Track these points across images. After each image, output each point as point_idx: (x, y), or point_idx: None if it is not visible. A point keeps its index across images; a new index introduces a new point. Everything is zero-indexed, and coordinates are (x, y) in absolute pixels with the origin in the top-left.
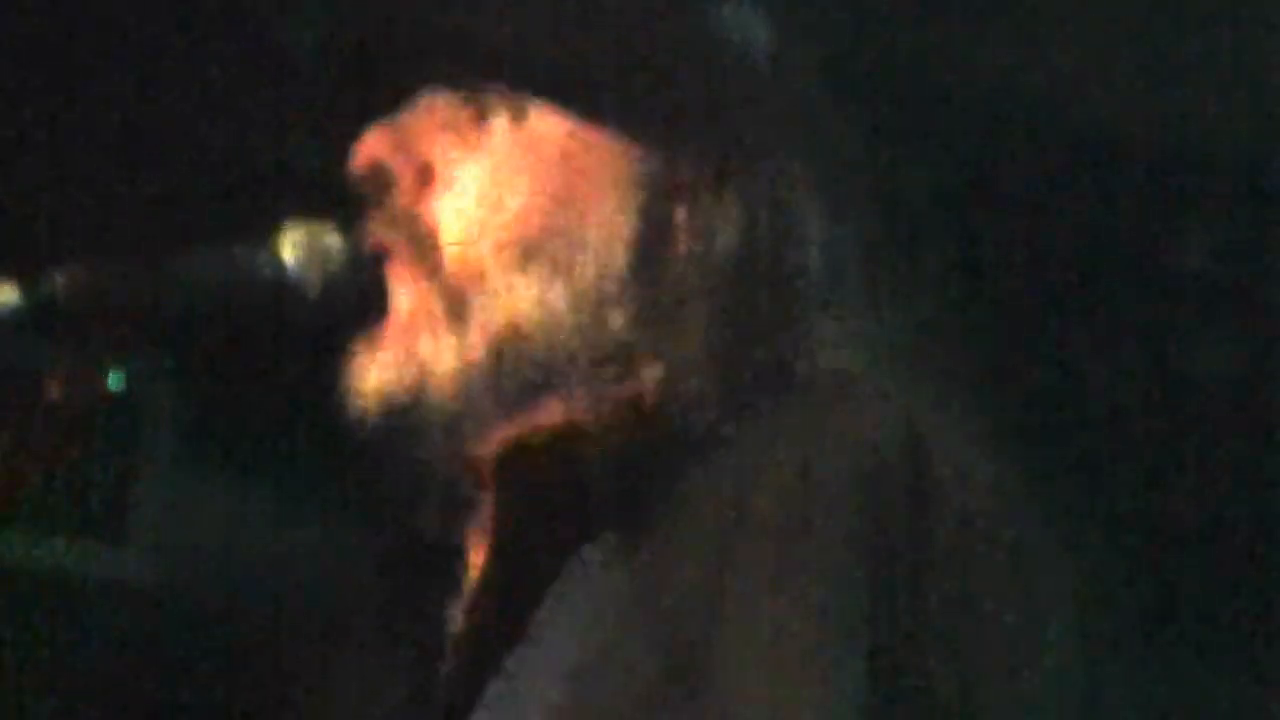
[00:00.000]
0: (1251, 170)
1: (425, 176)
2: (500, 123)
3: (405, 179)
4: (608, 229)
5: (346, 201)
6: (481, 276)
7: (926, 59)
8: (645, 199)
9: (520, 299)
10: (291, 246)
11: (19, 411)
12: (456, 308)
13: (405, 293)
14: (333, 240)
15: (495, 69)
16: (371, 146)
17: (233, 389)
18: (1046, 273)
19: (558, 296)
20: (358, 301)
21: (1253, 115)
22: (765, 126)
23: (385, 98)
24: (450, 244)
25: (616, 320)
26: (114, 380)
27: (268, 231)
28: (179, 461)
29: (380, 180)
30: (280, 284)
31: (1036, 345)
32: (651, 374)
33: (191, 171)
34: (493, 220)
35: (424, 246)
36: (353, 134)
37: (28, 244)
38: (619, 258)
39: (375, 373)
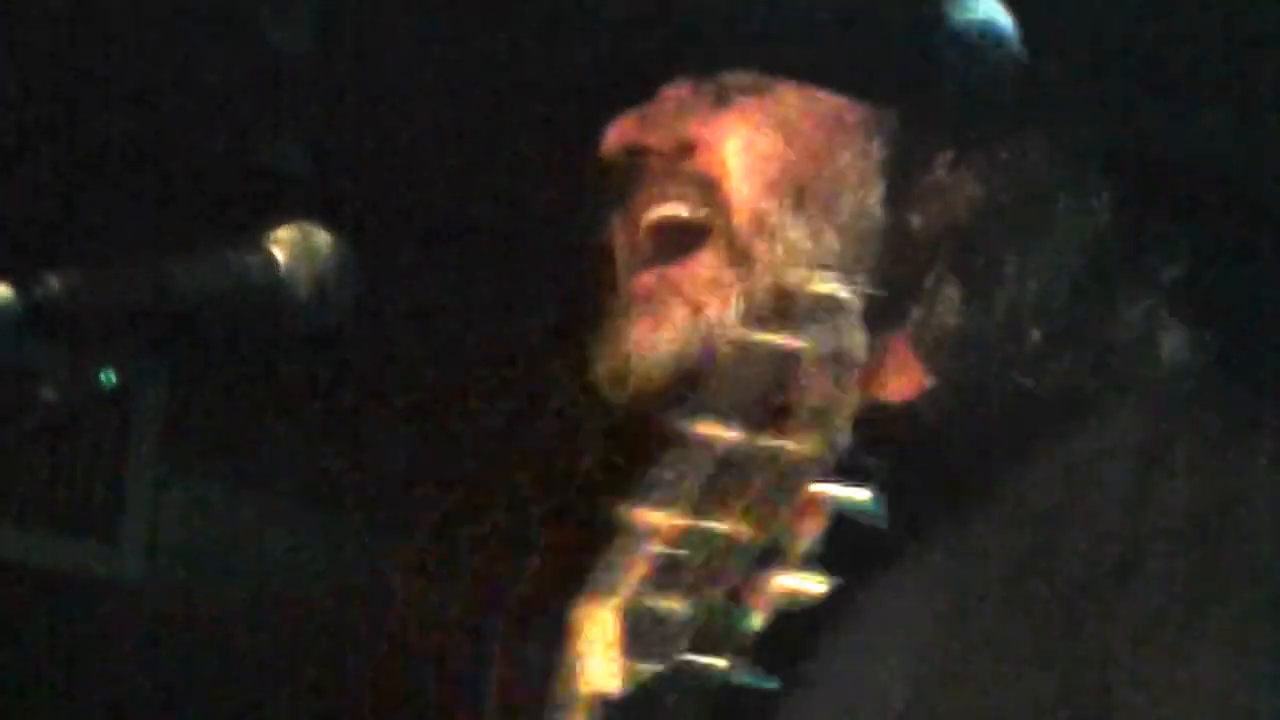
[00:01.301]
0: (1240, 178)
1: (684, 149)
2: (740, 99)
3: (666, 153)
4: (860, 183)
5: (337, 203)
6: (761, 221)
7: None
8: (889, 162)
9: (797, 237)
10: (283, 247)
11: (14, 412)
12: (743, 252)
13: (691, 262)
14: (323, 241)
15: (737, 57)
16: (624, 131)
17: (226, 389)
18: None
19: (828, 237)
20: (349, 302)
21: (1241, 121)
22: (1006, 105)
23: (629, 91)
24: (731, 194)
25: (878, 264)
26: (107, 380)
27: (260, 233)
28: (172, 461)
29: (637, 159)
30: (272, 284)
31: None
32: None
33: (185, 174)
34: (762, 172)
35: (710, 199)
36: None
37: (22, 245)
38: (873, 209)
39: (666, 328)
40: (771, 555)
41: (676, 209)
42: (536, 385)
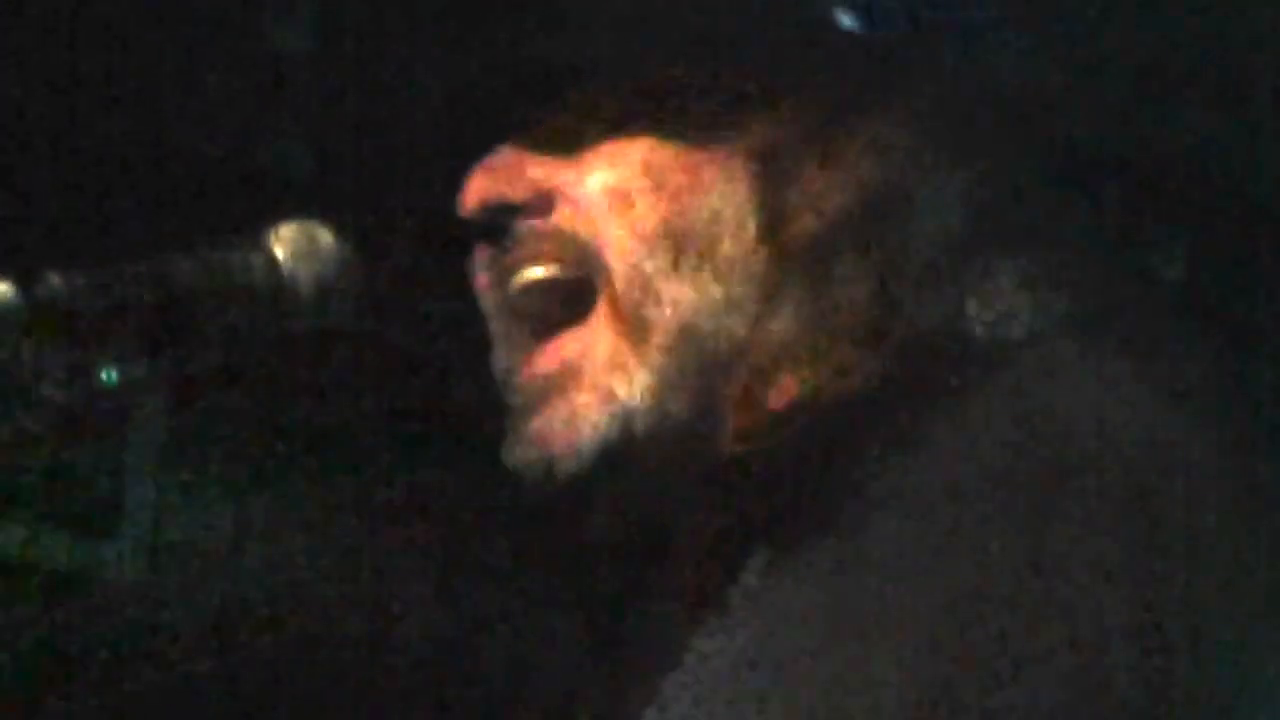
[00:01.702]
0: (1237, 179)
1: (545, 200)
2: (596, 144)
3: (527, 208)
4: (733, 219)
5: (338, 202)
6: (646, 282)
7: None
8: (752, 185)
9: (686, 296)
10: (285, 246)
11: (15, 410)
12: (638, 327)
13: (579, 337)
14: (325, 239)
15: (586, 106)
16: (481, 186)
17: (227, 388)
18: None
19: (712, 288)
20: (350, 303)
21: (1237, 123)
22: (861, 99)
23: (480, 138)
24: (610, 252)
25: (765, 309)
26: (108, 378)
27: (261, 232)
28: (172, 460)
29: (499, 214)
30: (274, 284)
31: None
32: (803, 369)
33: (186, 173)
34: (637, 225)
35: (586, 260)
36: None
37: (23, 244)
38: (749, 241)
39: (582, 423)
40: None
41: (550, 270)
42: None
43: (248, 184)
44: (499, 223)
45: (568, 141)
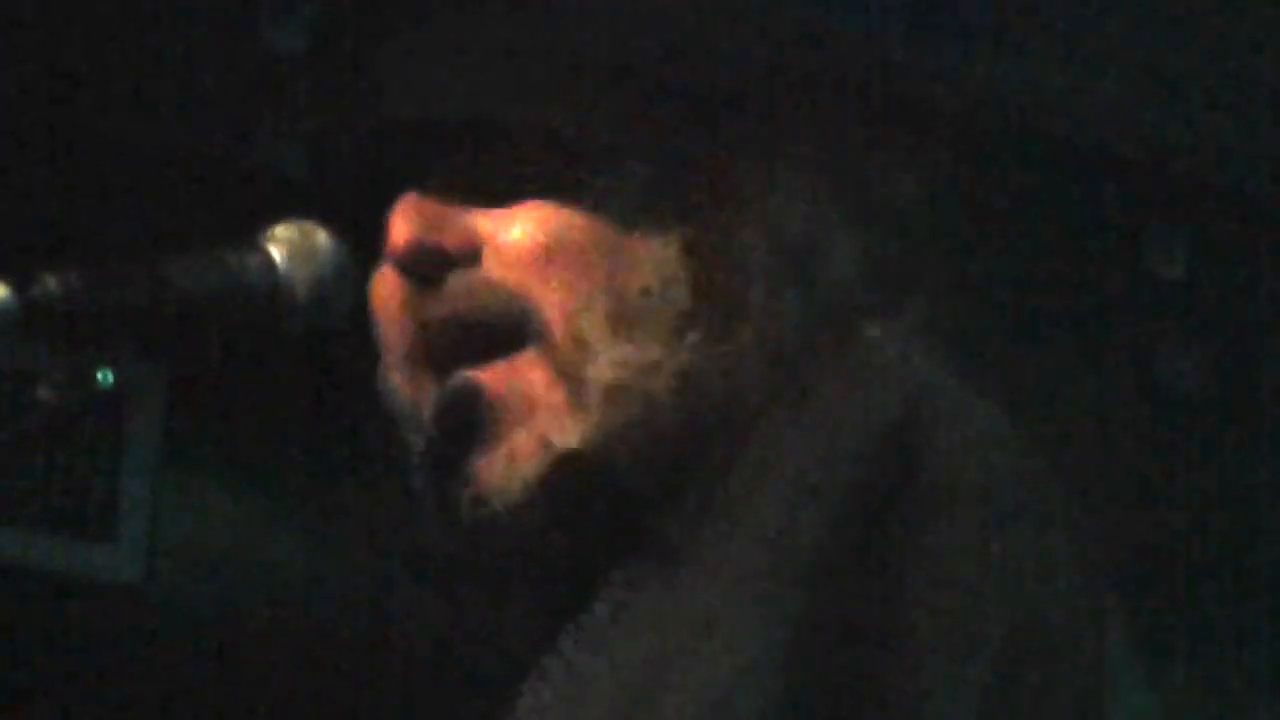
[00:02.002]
0: (1236, 178)
1: (473, 250)
2: (525, 199)
3: (454, 254)
4: (667, 277)
5: (336, 203)
6: (585, 345)
7: (918, 69)
8: (684, 243)
9: (624, 357)
10: (280, 246)
11: (10, 411)
12: (573, 383)
13: (517, 393)
14: (321, 239)
15: (512, 161)
16: (406, 228)
17: (224, 389)
18: (1034, 280)
19: (650, 347)
20: (348, 302)
21: (1236, 122)
22: (769, 150)
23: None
24: (543, 306)
25: (694, 358)
26: (104, 379)
27: (258, 232)
28: (170, 461)
29: (430, 258)
30: (271, 285)
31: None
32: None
33: (182, 173)
34: (573, 287)
35: (518, 313)
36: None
37: (19, 245)
38: (684, 300)
39: (512, 472)
40: None
41: (480, 315)
42: None
43: (244, 184)
44: (425, 268)
45: (486, 194)
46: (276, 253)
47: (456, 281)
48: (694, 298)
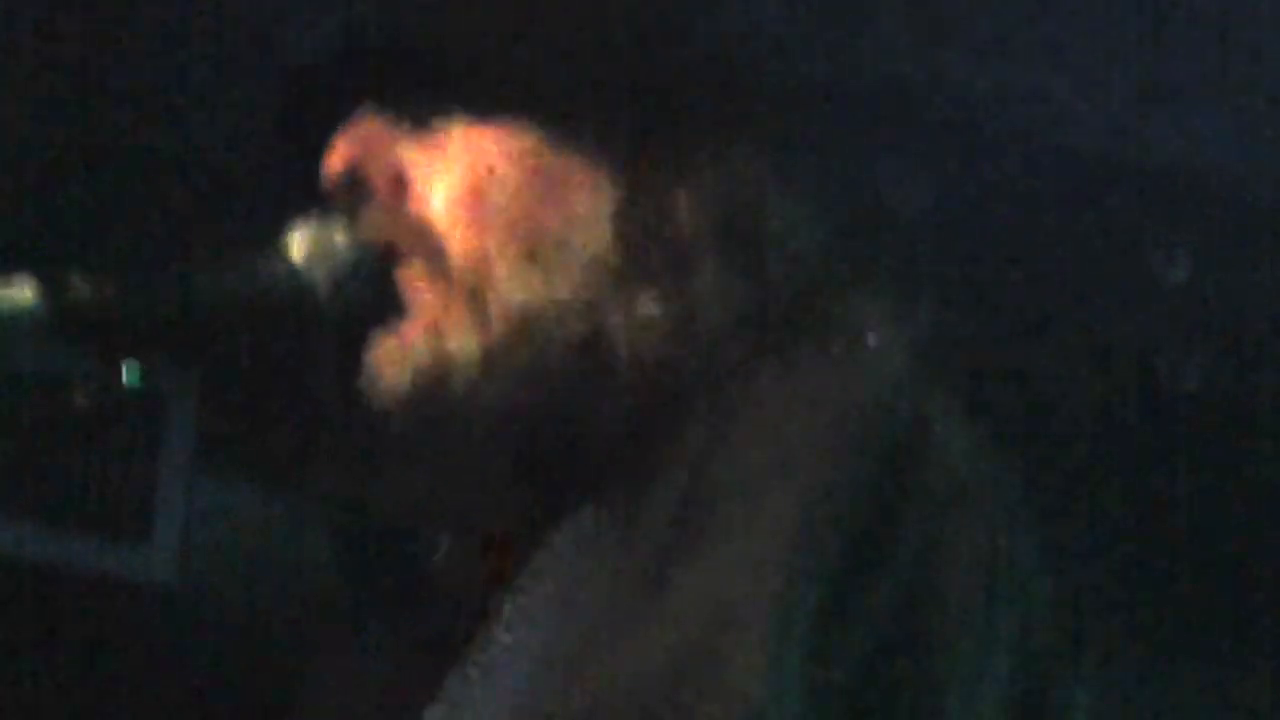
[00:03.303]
0: (1238, 184)
1: (400, 185)
2: (460, 130)
3: (381, 188)
4: (591, 221)
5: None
6: (491, 274)
7: (920, 73)
8: (614, 194)
9: (532, 292)
10: (299, 247)
11: (44, 414)
12: (475, 303)
13: (421, 290)
14: (342, 239)
15: (449, 90)
16: (339, 159)
17: (252, 389)
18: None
19: (562, 283)
20: (369, 300)
21: (1239, 129)
22: (719, 124)
23: (343, 112)
24: (455, 246)
25: (607, 303)
26: (134, 383)
27: (278, 234)
28: (204, 463)
29: (357, 190)
30: (293, 285)
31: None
32: (636, 345)
33: (205, 176)
34: (487, 223)
35: (430, 248)
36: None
37: (49, 249)
38: (605, 247)
39: (404, 363)
40: None
41: (396, 246)
42: None
43: (266, 187)
44: (351, 199)
45: (431, 114)
46: (296, 254)
47: (378, 213)
48: (619, 254)
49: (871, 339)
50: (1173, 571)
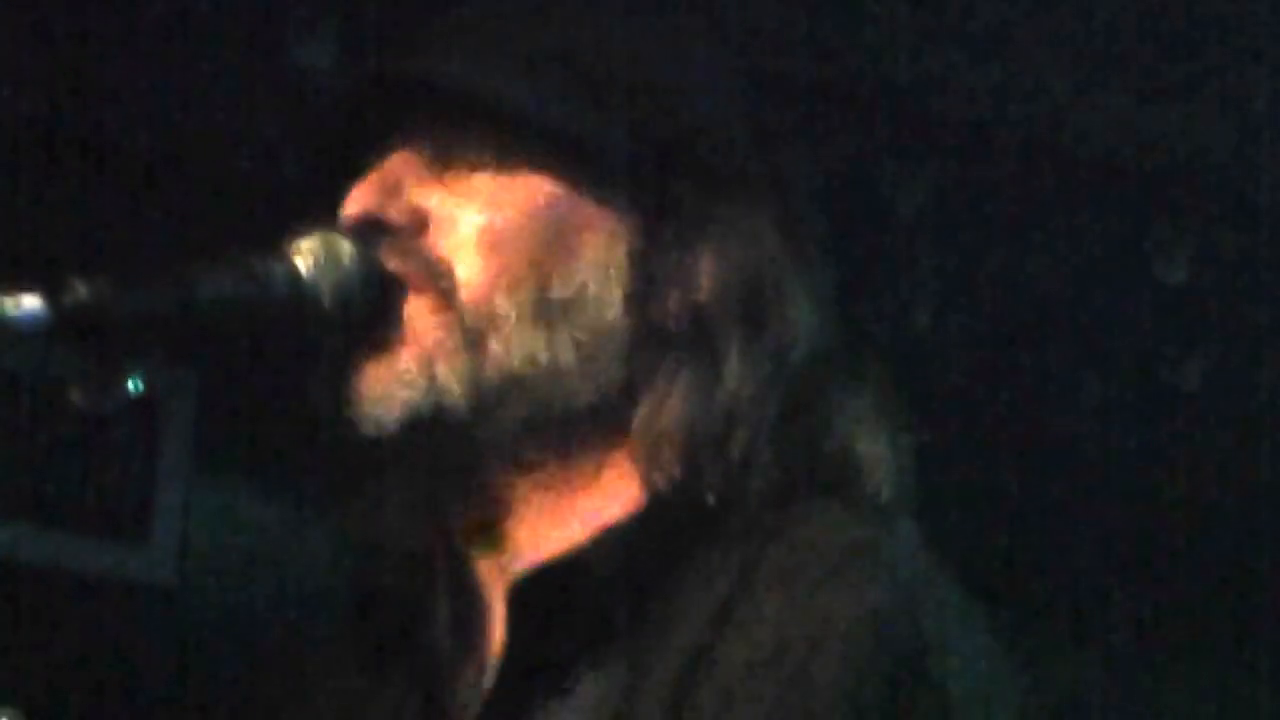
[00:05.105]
0: (1237, 184)
1: (420, 223)
2: (485, 176)
3: (399, 224)
4: (604, 279)
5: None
6: (495, 320)
7: (918, 79)
8: (631, 251)
9: (533, 345)
10: (305, 256)
11: (46, 418)
12: (473, 342)
13: (423, 320)
14: (346, 249)
15: (477, 135)
16: (361, 199)
17: (253, 395)
18: (1036, 289)
19: (565, 345)
20: (369, 318)
21: (1238, 129)
22: (735, 188)
23: (369, 152)
24: (465, 286)
25: (615, 369)
26: (135, 386)
27: (283, 242)
28: (202, 465)
29: (375, 229)
30: (296, 293)
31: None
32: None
33: (209, 184)
34: (501, 267)
35: (441, 286)
36: (342, 178)
37: (53, 256)
38: (615, 309)
39: (394, 385)
40: None
41: (410, 279)
42: None
43: (271, 195)
44: (369, 237)
45: (459, 156)
46: (302, 262)
47: (393, 247)
48: (633, 315)
49: (885, 491)
50: None
